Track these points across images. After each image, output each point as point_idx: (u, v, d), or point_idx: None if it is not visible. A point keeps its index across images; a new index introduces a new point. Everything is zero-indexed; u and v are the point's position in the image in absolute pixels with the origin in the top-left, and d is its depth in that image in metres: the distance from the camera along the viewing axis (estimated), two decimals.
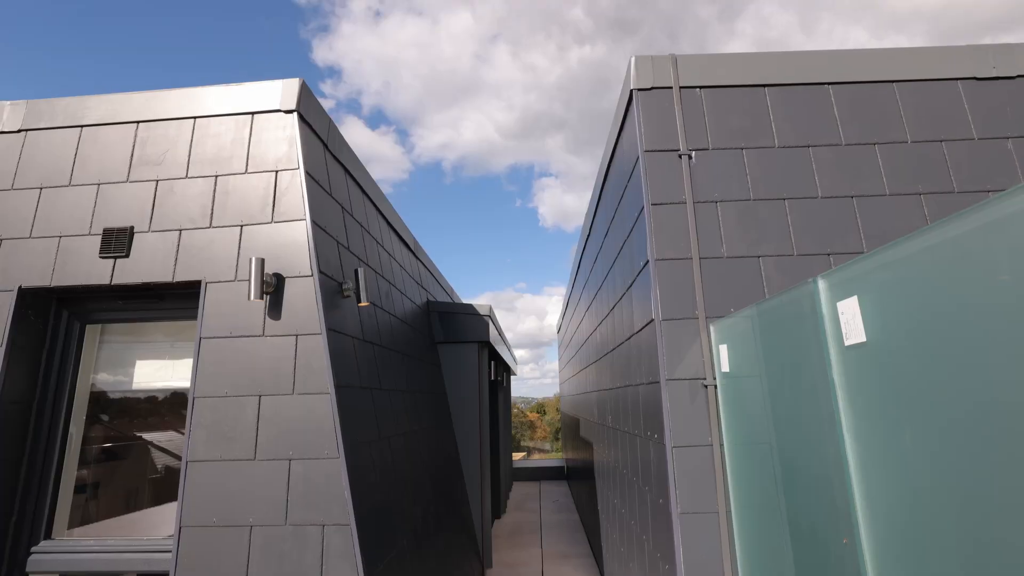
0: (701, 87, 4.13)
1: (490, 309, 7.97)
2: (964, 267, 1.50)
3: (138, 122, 4.29)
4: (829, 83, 4.23)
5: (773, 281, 3.75)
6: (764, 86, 4.16)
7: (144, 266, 3.91)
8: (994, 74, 4.32)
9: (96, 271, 3.95)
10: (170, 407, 4.38)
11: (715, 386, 3.50)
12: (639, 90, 4.07)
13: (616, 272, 5.44)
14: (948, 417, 1.56)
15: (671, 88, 4.08)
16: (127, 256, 3.95)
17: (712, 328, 3.57)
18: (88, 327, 4.36)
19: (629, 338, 4.79)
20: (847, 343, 2.04)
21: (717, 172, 3.93)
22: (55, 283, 3.96)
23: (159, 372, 4.40)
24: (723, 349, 3.40)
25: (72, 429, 4.16)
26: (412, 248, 7.63)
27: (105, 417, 4.37)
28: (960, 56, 4.32)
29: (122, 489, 4.36)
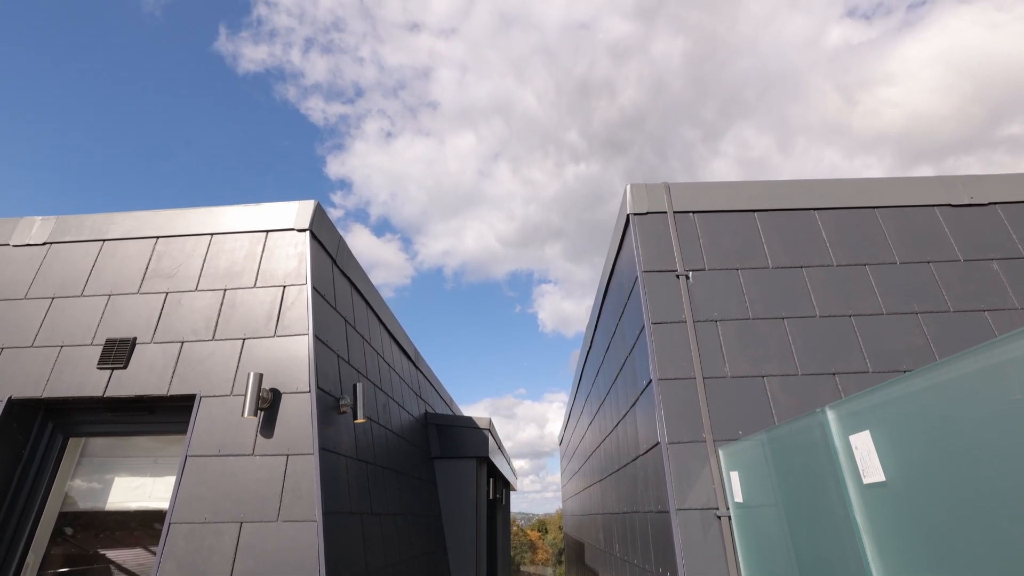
0: (694, 212, 4.37)
1: (490, 422, 7.71)
2: (974, 407, 1.47)
3: (158, 237, 4.50)
4: (815, 208, 4.48)
5: (779, 401, 3.66)
6: (754, 211, 4.41)
7: (140, 378, 3.86)
8: (968, 201, 4.59)
9: (91, 382, 3.90)
10: (141, 521, 4.06)
11: (729, 517, 3.26)
12: (635, 215, 4.30)
13: (619, 388, 5.34)
14: (978, 567, 1.43)
15: (665, 213, 4.32)
16: (125, 368, 3.92)
17: (721, 453, 3.41)
18: (71, 440, 4.20)
19: (635, 459, 4.57)
20: (866, 481, 1.93)
21: (715, 292, 4.02)
22: (46, 394, 3.88)
23: (136, 491, 4.15)
24: (734, 476, 3.22)
25: (30, 557, 3.82)
26: (412, 358, 7.58)
27: (69, 530, 4.04)
28: (933, 186, 4.62)
29: None
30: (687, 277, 4.04)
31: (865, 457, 1.94)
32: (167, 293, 4.19)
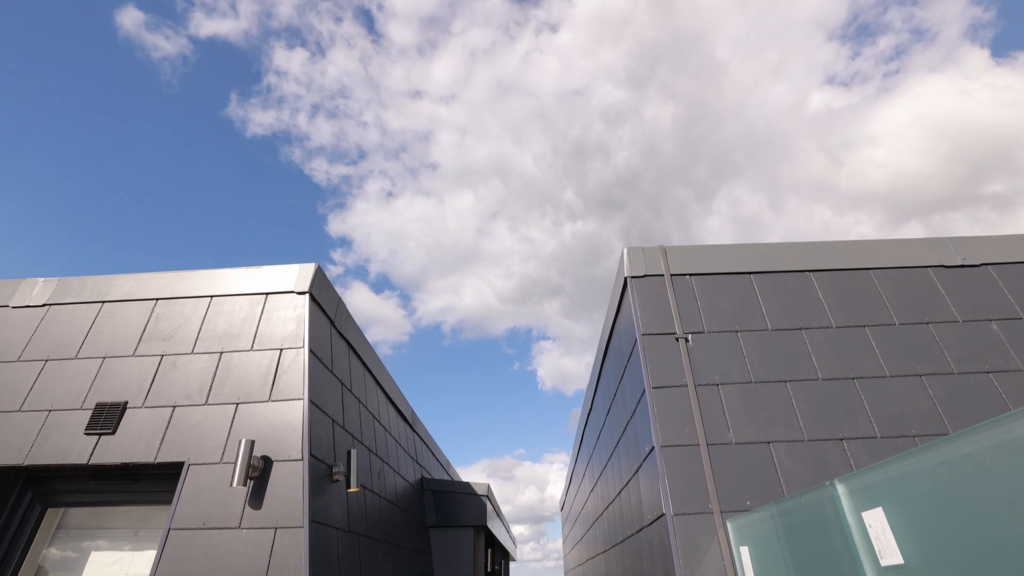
0: (691, 274, 4.41)
1: (488, 488, 7.42)
2: (990, 487, 1.42)
3: (157, 299, 4.51)
4: (810, 270, 4.53)
5: (787, 469, 3.54)
6: (750, 273, 4.45)
7: (128, 444, 3.75)
8: (961, 262, 4.64)
9: (76, 449, 3.78)
10: None
11: None
12: (633, 277, 4.34)
13: (621, 453, 5.18)
14: None
15: (663, 275, 4.36)
16: (113, 433, 3.81)
17: (730, 526, 3.26)
18: (49, 510, 4.01)
19: (639, 530, 4.36)
20: (884, 563, 1.83)
21: (715, 355, 3.98)
22: (28, 462, 3.75)
23: (113, 566, 3.93)
24: (744, 552, 3.06)
25: None
26: (409, 420, 7.41)
27: None
28: (925, 247, 4.70)
29: None
30: (686, 340, 4.02)
31: (880, 536, 1.85)
32: (162, 356, 4.15)
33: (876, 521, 1.87)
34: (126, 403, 3.93)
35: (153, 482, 3.87)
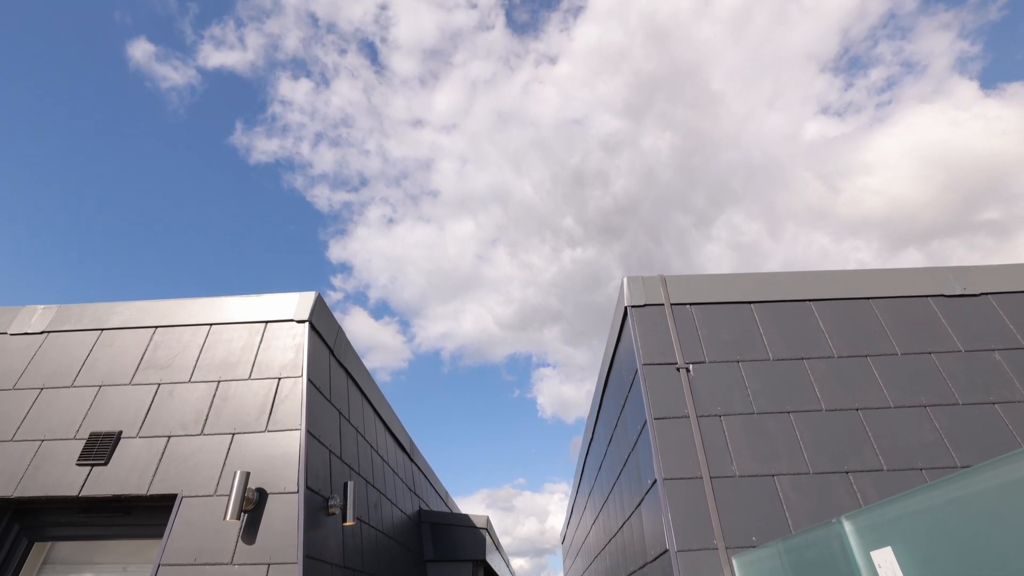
0: (691, 303, 4.41)
1: (487, 520, 7.25)
2: (1000, 529, 1.38)
3: (156, 327, 4.50)
4: (810, 299, 4.53)
5: (792, 503, 3.47)
6: (750, 303, 4.45)
7: (120, 476, 3.68)
8: (960, 292, 4.64)
9: (67, 480, 3.70)
10: None
11: None
12: (633, 307, 4.34)
13: (623, 485, 5.08)
14: None
15: (663, 305, 4.36)
16: (105, 464, 3.74)
17: (735, 563, 3.17)
18: (36, 544, 3.91)
19: (643, 566, 4.24)
20: None
21: (717, 385, 3.95)
22: (17, 493, 3.67)
23: None
24: None
25: None
26: (407, 449, 7.29)
27: None
28: (924, 277, 4.70)
29: None
30: (687, 370, 3.99)
31: None
32: (159, 384, 4.12)
33: (886, 561, 1.82)
34: (120, 433, 3.88)
35: (144, 515, 3.78)
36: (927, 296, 4.64)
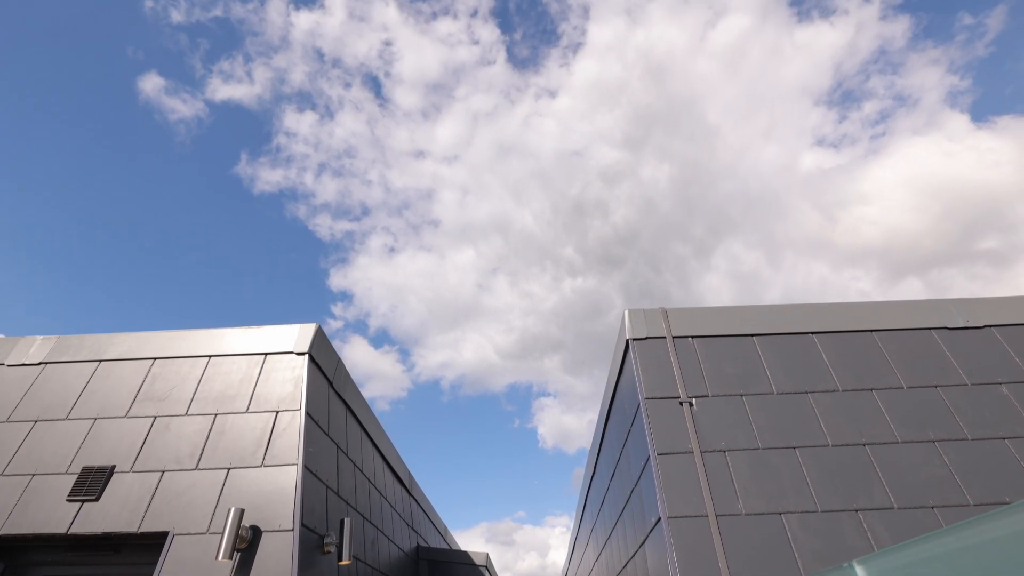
0: (693, 336, 4.38)
1: (487, 558, 7.04)
2: (1015, 574, 1.33)
3: (155, 358, 4.47)
4: (813, 332, 4.51)
5: (801, 542, 3.37)
6: (752, 335, 4.42)
7: (111, 513, 3.59)
8: (964, 324, 4.62)
9: (56, 517, 3.61)
10: None
11: None
12: (635, 340, 4.32)
13: (626, 522, 4.96)
14: None
15: (664, 338, 4.34)
16: (96, 500, 3.66)
17: None
18: None
19: None
20: None
21: (720, 419, 3.89)
22: (4, 531, 3.58)
23: None
24: None
25: None
26: (405, 483, 7.14)
27: None
28: (926, 309, 4.69)
29: None
30: (691, 404, 3.94)
31: None
32: (155, 417, 4.06)
33: None
34: (113, 467, 3.80)
35: (134, 553, 3.67)
36: (930, 328, 4.61)
